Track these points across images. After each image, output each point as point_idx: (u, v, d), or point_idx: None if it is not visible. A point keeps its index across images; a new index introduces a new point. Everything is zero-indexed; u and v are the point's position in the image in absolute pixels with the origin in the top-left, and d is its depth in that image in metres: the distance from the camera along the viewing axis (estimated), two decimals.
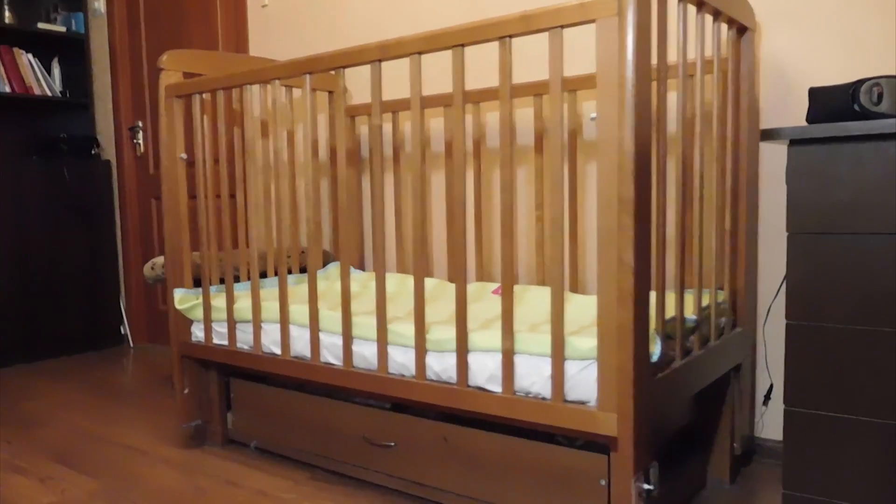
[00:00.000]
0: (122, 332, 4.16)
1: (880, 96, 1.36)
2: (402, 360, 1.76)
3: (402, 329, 1.76)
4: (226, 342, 2.21)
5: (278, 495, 1.98)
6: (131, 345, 4.14)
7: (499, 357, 1.60)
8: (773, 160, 2.05)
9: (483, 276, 2.47)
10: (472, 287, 2.32)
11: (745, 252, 1.93)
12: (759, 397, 2.13)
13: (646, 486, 1.42)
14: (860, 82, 1.36)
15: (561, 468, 1.61)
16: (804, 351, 1.31)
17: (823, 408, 1.30)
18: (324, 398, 2.06)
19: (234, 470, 2.17)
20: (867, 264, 1.27)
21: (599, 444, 1.57)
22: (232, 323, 2.16)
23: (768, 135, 1.40)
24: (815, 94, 1.43)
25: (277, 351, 2.06)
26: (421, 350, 1.70)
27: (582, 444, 1.62)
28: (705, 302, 1.82)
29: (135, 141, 3.98)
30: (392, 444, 1.90)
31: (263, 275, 2.59)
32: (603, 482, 1.55)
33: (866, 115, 1.36)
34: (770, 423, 2.11)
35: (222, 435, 2.37)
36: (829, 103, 1.39)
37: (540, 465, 1.65)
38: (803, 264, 1.32)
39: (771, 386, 2.09)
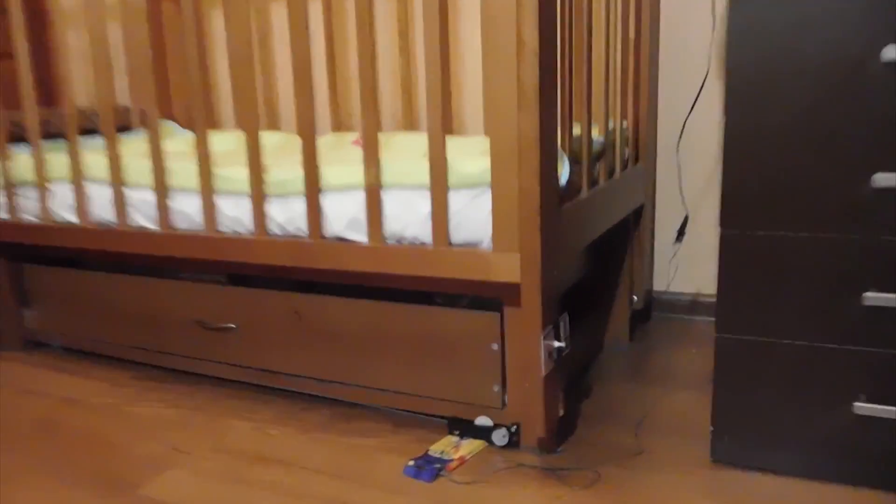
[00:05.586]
0: None
1: None
2: (234, 213, 1.34)
3: (233, 173, 1.34)
4: (3, 214, 1.69)
5: (91, 400, 1.56)
6: None
7: (360, 196, 1.22)
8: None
9: (340, 126, 2.06)
10: (328, 138, 1.90)
11: (647, 84, 1.64)
12: (670, 236, 1.88)
13: (556, 344, 1.12)
14: None
15: (442, 335, 1.29)
16: (744, 161, 1.04)
17: (761, 227, 1.04)
18: (145, 278, 1.62)
19: (36, 376, 1.72)
20: (822, 31, 0.98)
21: (488, 302, 1.25)
22: (9, 187, 1.65)
23: None
24: None
25: (73, 218, 1.58)
26: (258, 196, 1.29)
27: (467, 303, 1.30)
28: (611, 126, 1.52)
29: None
30: (233, 325, 1.51)
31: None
32: (496, 346, 1.24)
33: None
34: (679, 276, 1.89)
35: (19, 337, 1.88)
36: None
37: (416, 333, 1.31)
38: (748, 43, 1.01)
39: (686, 217, 1.82)
